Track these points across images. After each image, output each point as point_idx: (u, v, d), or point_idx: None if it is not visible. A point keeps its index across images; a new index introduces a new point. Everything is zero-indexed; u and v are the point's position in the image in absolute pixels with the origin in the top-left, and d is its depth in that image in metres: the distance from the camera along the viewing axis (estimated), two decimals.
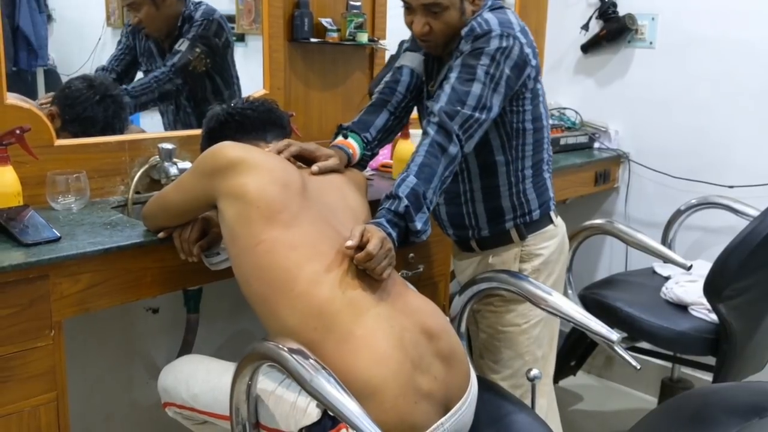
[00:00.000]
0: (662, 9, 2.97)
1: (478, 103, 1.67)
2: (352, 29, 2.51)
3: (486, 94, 1.67)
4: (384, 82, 1.95)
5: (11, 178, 1.72)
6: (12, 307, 1.45)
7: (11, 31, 2.08)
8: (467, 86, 1.67)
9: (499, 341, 1.93)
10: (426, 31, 1.75)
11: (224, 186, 1.49)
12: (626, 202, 3.15)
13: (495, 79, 1.69)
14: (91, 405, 2.06)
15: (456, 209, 1.91)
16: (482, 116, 1.67)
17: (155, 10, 2.30)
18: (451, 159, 1.65)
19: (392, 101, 1.92)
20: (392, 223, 1.54)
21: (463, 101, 1.66)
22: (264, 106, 1.74)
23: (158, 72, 2.34)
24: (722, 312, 2.14)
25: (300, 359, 1.26)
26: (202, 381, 1.60)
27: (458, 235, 1.97)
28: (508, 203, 1.87)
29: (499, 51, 1.69)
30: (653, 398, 2.97)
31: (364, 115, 1.91)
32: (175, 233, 1.64)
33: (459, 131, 1.65)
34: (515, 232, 1.89)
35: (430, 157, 1.63)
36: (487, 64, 1.68)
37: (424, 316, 1.50)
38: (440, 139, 1.64)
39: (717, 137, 2.86)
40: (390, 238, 1.50)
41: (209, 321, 2.24)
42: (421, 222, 1.57)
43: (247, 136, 1.67)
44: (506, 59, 1.69)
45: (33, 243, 1.53)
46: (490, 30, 1.69)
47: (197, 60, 2.32)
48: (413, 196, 1.57)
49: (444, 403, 1.44)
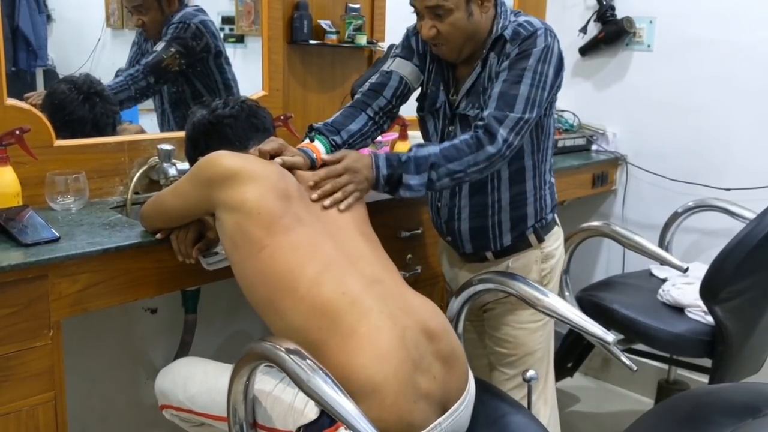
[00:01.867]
0: (660, 12, 2.98)
1: (527, 105, 1.69)
2: (351, 31, 2.52)
3: (533, 94, 1.70)
4: (369, 83, 1.92)
5: (11, 179, 1.73)
6: (11, 307, 1.46)
7: (11, 32, 2.08)
8: (515, 89, 1.69)
9: (513, 338, 1.93)
10: (433, 34, 1.74)
11: (222, 197, 1.49)
12: (624, 204, 3.16)
13: (542, 78, 1.71)
14: (89, 405, 2.07)
15: (481, 222, 1.90)
16: (531, 116, 1.70)
17: (161, 15, 2.32)
18: (486, 157, 1.66)
19: (373, 105, 1.89)
20: (388, 163, 1.62)
21: (512, 105, 1.68)
22: (245, 111, 1.72)
23: (132, 70, 2.35)
24: (718, 314, 2.14)
25: (297, 359, 1.27)
26: (200, 382, 1.60)
27: (475, 247, 1.94)
28: (532, 209, 1.89)
29: (545, 50, 1.72)
30: (650, 400, 2.98)
31: (339, 117, 1.87)
32: (172, 235, 1.65)
33: (508, 135, 1.67)
34: (533, 236, 1.90)
35: (464, 145, 1.66)
36: (534, 65, 1.70)
37: (425, 316, 1.50)
38: (483, 137, 1.67)
39: (714, 140, 2.87)
40: (376, 169, 1.58)
41: (207, 321, 2.24)
42: (415, 180, 1.62)
43: (230, 147, 1.65)
44: (551, 58, 1.73)
45: (32, 243, 1.53)
46: (536, 29, 1.73)
47: (170, 58, 2.31)
48: (422, 158, 1.62)
49: (442, 404, 1.45)
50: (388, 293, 1.49)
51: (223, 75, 2.45)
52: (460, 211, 1.91)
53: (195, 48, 2.37)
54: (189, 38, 2.36)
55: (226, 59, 2.47)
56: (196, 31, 2.37)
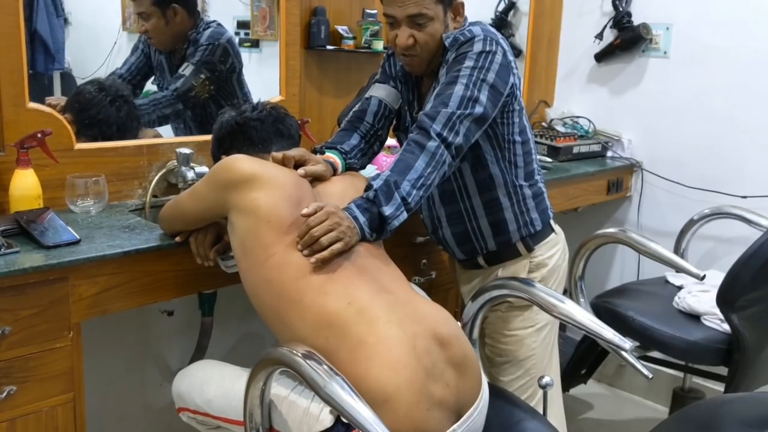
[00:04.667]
0: (677, 19, 2.97)
1: (461, 102, 1.65)
2: (367, 37, 2.53)
3: (469, 93, 1.66)
4: (352, 112, 1.94)
5: (32, 181, 1.75)
6: (32, 308, 1.47)
7: (29, 35, 2.09)
8: (449, 89, 1.67)
9: (505, 345, 1.93)
10: (410, 44, 1.73)
11: (236, 200, 1.51)
12: (639, 211, 3.15)
13: (479, 80, 1.67)
14: (106, 406, 2.08)
15: (460, 228, 1.91)
16: (466, 111, 1.65)
17: (164, 24, 2.30)
18: (432, 154, 1.61)
19: (360, 128, 1.91)
20: (362, 208, 1.55)
21: (445, 102, 1.65)
22: (272, 116, 1.74)
23: (160, 95, 2.34)
24: (735, 322, 2.13)
25: (314, 365, 1.27)
26: (216, 386, 1.61)
27: (466, 253, 1.95)
28: (511, 214, 1.87)
29: (482, 54, 1.69)
30: (665, 408, 2.97)
31: (336, 137, 1.89)
32: (191, 238, 1.67)
33: (441, 129, 1.63)
34: (522, 244, 1.90)
35: (405, 153, 1.63)
36: (470, 66, 1.68)
37: (435, 322, 1.50)
38: (416, 137, 1.64)
39: (731, 147, 2.86)
40: (355, 221, 1.53)
41: (223, 324, 2.25)
42: (392, 208, 1.56)
43: (254, 149, 1.69)
44: (491, 62, 1.69)
45: (53, 245, 1.55)
46: (473, 36, 1.71)
47: (201, 86, 2.31)
48: (384, 186, 1.56)
49: (456, 410, 1.45)
50: (396, 302, 1.48)
51: (242, 89, 2.46)
52: (439, 219, 1.93)
53: (223, 71, 2.38)
54: (218, 62, 2.36)
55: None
56: (224, 53, 2.38)
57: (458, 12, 1.77)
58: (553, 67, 3.35)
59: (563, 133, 3.08)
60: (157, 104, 2.33)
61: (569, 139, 3.04)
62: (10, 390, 1.46)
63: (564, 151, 2.95)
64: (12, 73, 1.77)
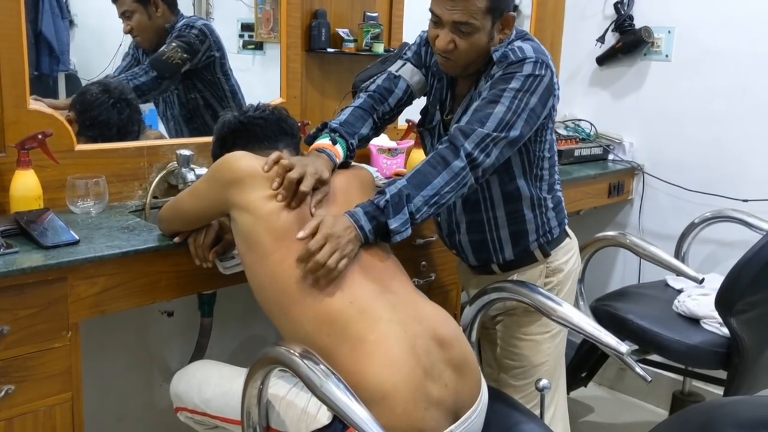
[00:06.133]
0: (679, 22, 2.97)
1: (499, 124, 1.62)
2: (368, 40, 2.53)
3: (508, 117, 1.63)
4: (377, 85, 1.88)
5: (33, 182, 1.75)
6: (31, 308, 1.48)
7: (34, 36, 2.12)
8: (490, 108, 1.63)
9: (519, 349, 1.91)
10: (450, 48, 1.68)
11: (238, 198, 1.51)
12: (640, 214, 3.15)
13: (521, 105, 1.64)
14: (105, 406, 2.09)
15: (479, 236, 1.87)
16: (501, 134, 1.62)
17: (147, 19, 2.33)
18: (455, 174, 1.59)
19: (379, 110, 1.86)
20: (369, 215, 1.52)
21: (483, 122, 1.62)
22: (275, 115, 1.74)
23: (136, 69, 2.37)
24: (734, 326, 2.13)
25: (311, 365, 1.28)
26: (215, 386, 1.62)
27: (479, 260, 1.92)
28: (532, 225, 1.84)
29: (531, 78, 1.65)
30: (664, 411, 2.96)
31: (351, 117, 1.81)
32: (189, 239, 1.67)
33: (473, 149, 1.60)
34: (539, 251, 1.87)
35: (427, 167, 1.60)
36: (516, 89, 1.64)
37: (436, 323, 1.51)
38: (445, 152, 1.61)
39: (732, 150, 2.86)
40: (360, 229, 1.51)
41: (223, 325, 2.26)
42: (398, 222, 1.53)
43: (259, 146, 1.68)
44: (537, 87, 1.66)
45: (52, 246, 1.56)
46: (525, 57, 1.66)
47: (171, 51, 2.32)
48: (397, 196, 1.54)
49: (454, 411, 1.45)
50: (398, 302, 1.49)
51: (228, 82, 2.48)
52: (458, 226, 1.90)
53: (198, 47, 2.38)
54: (192, 37, 2.38)
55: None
56: (200, 33, 2.40)
57: (507, 24, 1.70)
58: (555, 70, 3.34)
59: (565, 136, 3.08)
60: (134, 75, 2.34)
61: (571, 142, 3.04)
62: (8, 389, 1.46)
63: (565, 154, 2.95)
64: (13, 74, 1.77)
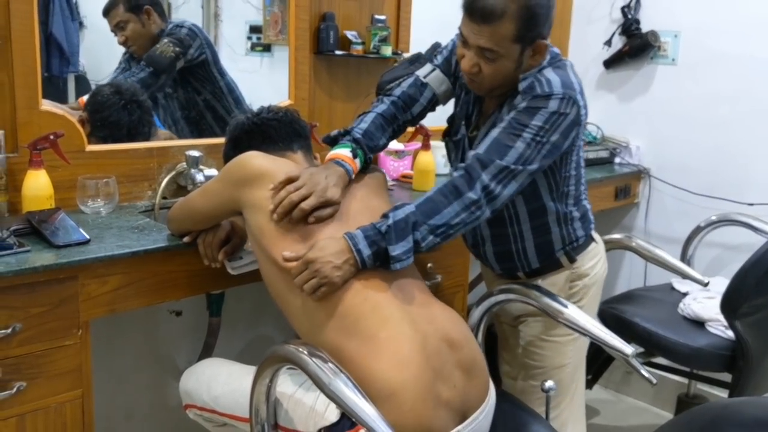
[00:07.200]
0: (685, 26, 2.98)
1: (519, 159, 1.59)
2: (376, 42, 2.55)
3: (528, 153, 1.59)
4: (402, 91, 1.85)
5: (44, 182, 1.77)
6: (42, 306, 1.50)
7: (44, 38, 2.13)
8: (511, 141, 1.59)
9: (542, 351, 1.88)
10: (475, 71, 1.64)
11: (250, 196, 1.53)
12: (646, 217, 3.15)
13: (542, 142, 1.60)
14: (114, 404, 2.11)
15: (504, 248, 1.85)
16: (520, 167, 1.59)
17: (141, 27, 2.36)
18: (466, 206, 1.56)
19: (400, 119, 1.84)
20: (369, 239, 1.49)
21: (502, 154, 1.58)
22: (288, 117, 1.76)
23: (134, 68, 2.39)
24: (739, 329, 2.14)
25: (319, 363, 1.30)
26: (224, 383, 1.64)
27: (505, 269, 1.90)
28: (558, 237, 1.82)
29: (555, 115, 1.61)
30: (669, 414, 2.97)
31: (373, 126, 1.78)
32: (199, 239, 1.69)
33: (490, 181, 1.57)
34: (565, 257, 1.84)
35: (439, 195, 1.57)
36: (539, 126, 1.59)
37: (447, 325, 1.52)
38: (459, 182, 1.58)
39: (738, 154, 2.86)
40: (358, 253, 1.47)
41: (230, 324, 2.27)
42: (401, 249, 1.50)
43: (274, 146, 1.69)
44: (560, 125, 1.61)
45: (63, 245, 1.58)
46: (552, 93, 1.61)
47: (164, 46, 2.35)
48: (403, 221, 1.51)
49: (462, 412, 1.46)
50: (411, 302, 1.50)
51: (224, 79, 2.50)
52: (483, 238, 1.88)
53: (189, 42, 2.41)
54: (182, 34, 2.41)
55: None
56: (189, 31, 2.43)
57: (539, 51, 1.64)
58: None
59: None
60: (132, 74, 2.36)
61: None
62: (20, 386, 1.48)
63: None
64: (26, 76, 1.80)
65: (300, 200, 1.50)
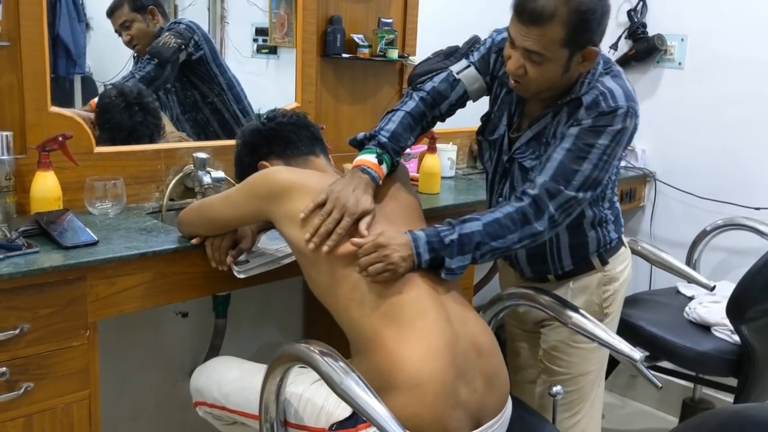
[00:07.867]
0: (692, 30, 2.98)
1: (584, 184, 1.59)
2: (383, 45, 2.55)
3: (595, 174, 1.60)
4: (433, 87, 1.81)
5: (53, 183, 1.78)
6: (51, 307, 1.50)
7: (51, 40, 2.13)
8: (577, 164, 1.59)
9: (568, 357, 1.86)
10: (520, 73, 1.61)
11: (281, 210, 1.55)
12: (652, 221, 3.15)
13: (608, 160, 1.61)
14: (120, 404, 2.11)
15: (539, 249, 1.80)
16: (585, 196, 1.61)
17: (146, 26, 2.37)
18: (531, 234, 1.58)
19: (428, 116, 1.81)
20: (430, 246, 1.52)
21: (569, 180, 1.58)
22: (302, 120, 1.76)
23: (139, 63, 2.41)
24: (745, 333, 2.13)
25: (330, 362, 1.30)
26: (234, 381, 1.64)
27: (536, 271, 1.88)
28: (593, 239, 1.81)
29: (621, 132, 1.60)
30: (674, 418, 2.96)
31: (400, 127, 1.74)
32: (207, 242, 1.69)
33: (556, 211, 1.59)
34: (597, 259, 1.83)
35: (508, 221, 1.57)
36: (605, 145, 1.59)
37: (477, 331, 1.54)
38: (529, 211, 1.58)
39: (744, 158, 2.86)
40: (417, 256, 1.51)
41: (236, 326, 2.28)
42: (457, 264, 1.54)
43: (298, 151, 1.70)
44: (623, 139, 1.62)
45: (72, 246, 1.58)
46: (617, 108, 1.59)
47: (165, 39, 2.37)
48: (467, 238, 1.54)
49: (476, 418, 1.47)
50: (448, 301, 1.53)
51: (224, 75, 2.51)
52: None
53: (188, 34, 2.42)
54: (181, 28, 2.42)
55: None
56: (187, 26, 2.44)
57: (589, 58, 1.60)
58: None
59: None
60: (138, 69, 2.37)
61: None
62: (28, 386, 1.48)
63: None
64: (35, 77, 1.80)
65: (335, 225, 1.51)
